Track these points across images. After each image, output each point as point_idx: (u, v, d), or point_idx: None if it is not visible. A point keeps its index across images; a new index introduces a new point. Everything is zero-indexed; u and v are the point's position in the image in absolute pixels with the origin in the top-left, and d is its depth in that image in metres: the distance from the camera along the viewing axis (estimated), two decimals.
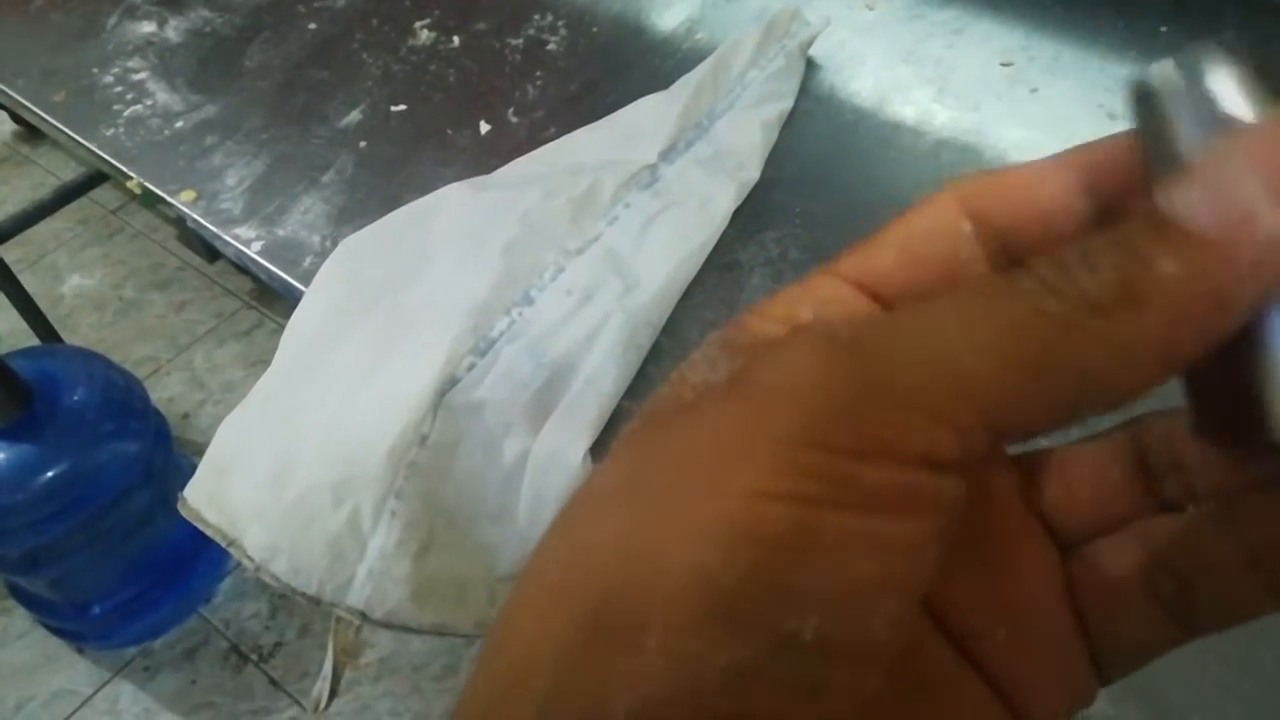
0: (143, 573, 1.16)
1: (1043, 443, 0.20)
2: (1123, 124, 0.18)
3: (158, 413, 1.15)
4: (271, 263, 0.57)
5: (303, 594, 0.45)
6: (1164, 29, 0.62)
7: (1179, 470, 0.18)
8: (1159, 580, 0.18)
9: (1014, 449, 0.19)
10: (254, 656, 1.19)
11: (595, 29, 0.70)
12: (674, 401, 0.16)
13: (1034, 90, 0.61)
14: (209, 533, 0.47)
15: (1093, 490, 0.19)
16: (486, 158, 0.61)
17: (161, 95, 0.69)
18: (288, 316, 0.52)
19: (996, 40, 0.64)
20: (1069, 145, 0.18)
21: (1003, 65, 0.63)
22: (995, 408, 0.14)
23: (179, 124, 0.67)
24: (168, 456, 1.14)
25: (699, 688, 0.13)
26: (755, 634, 0.13)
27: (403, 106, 0.66)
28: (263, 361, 0.49)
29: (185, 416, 1.44)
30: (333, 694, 0.48)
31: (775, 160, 0.58)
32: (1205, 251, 0.14)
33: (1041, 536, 0.19)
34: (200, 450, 0.49)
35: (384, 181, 0.61)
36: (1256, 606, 0.17)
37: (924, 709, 0.17)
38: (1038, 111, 0.59)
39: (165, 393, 1.47)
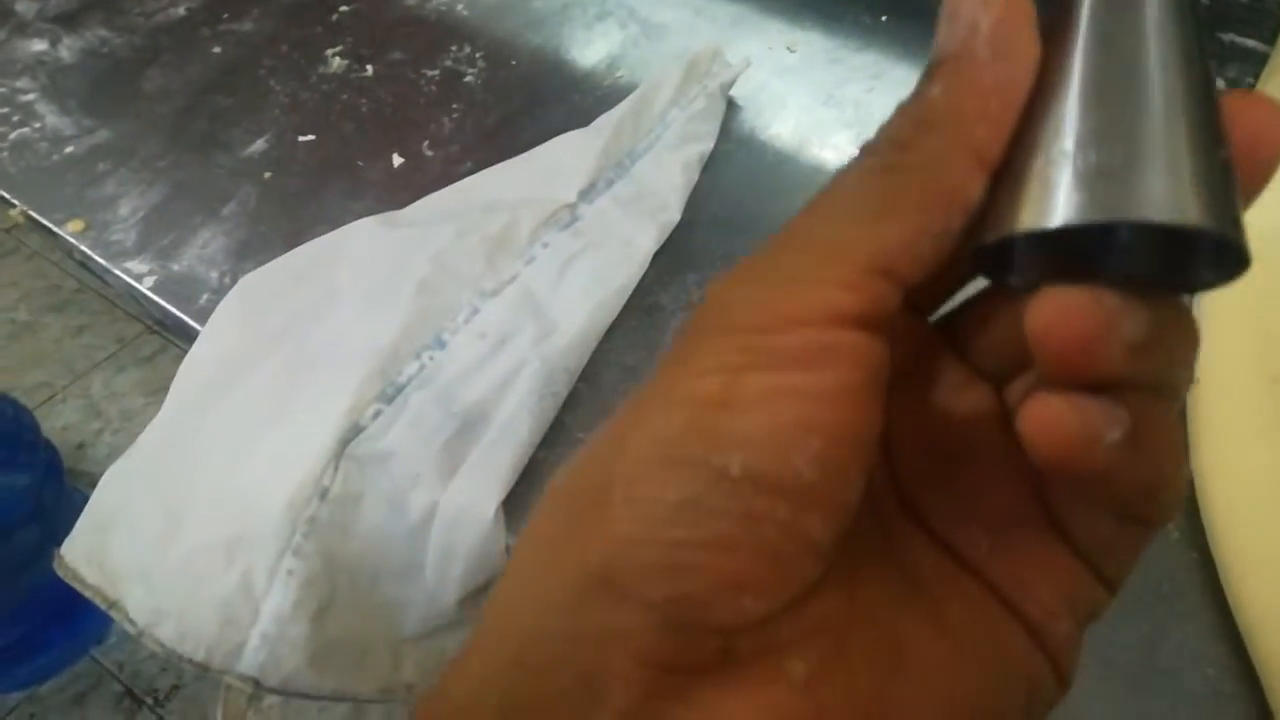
0: (30, 613, 1.09)
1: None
2: None
3: (49, 444, 1.09)
4: (164, 299, 0.53)
5: (190, 661, 0.42)
6: None
7: None
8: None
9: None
10: (149, 700, 1.13)
11: (514, 62, 0.68)
12: None
13: None
14: (87, 594, 0.43)
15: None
16: (399, 192, 0.58)
17: (51, 118, 0.65)
18: (193, 343, 0.49)
19: (913, 85, 0.65)
20: None
21: None
22: (871, 255, 0.17)
23: (69, 149, 0.63)
24: (59, 490, 1.08)
25: (654, 522, 0.16)
26: (693, 471, 0.16)
27: (311, 136, 0.63)
28: (165, 389, 0.47)
29: (80, 446, 1.37)
30: None
31: (696, 201, 0.57)
32: (954, 64, 0.17)
33: (1005, 441, 0.20)
34: (95, 483, 0.46)
35: (289, 215, 0.58)
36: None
37: (921, 605, 0.19)
38: None
39: (59, 421, 1.39)
